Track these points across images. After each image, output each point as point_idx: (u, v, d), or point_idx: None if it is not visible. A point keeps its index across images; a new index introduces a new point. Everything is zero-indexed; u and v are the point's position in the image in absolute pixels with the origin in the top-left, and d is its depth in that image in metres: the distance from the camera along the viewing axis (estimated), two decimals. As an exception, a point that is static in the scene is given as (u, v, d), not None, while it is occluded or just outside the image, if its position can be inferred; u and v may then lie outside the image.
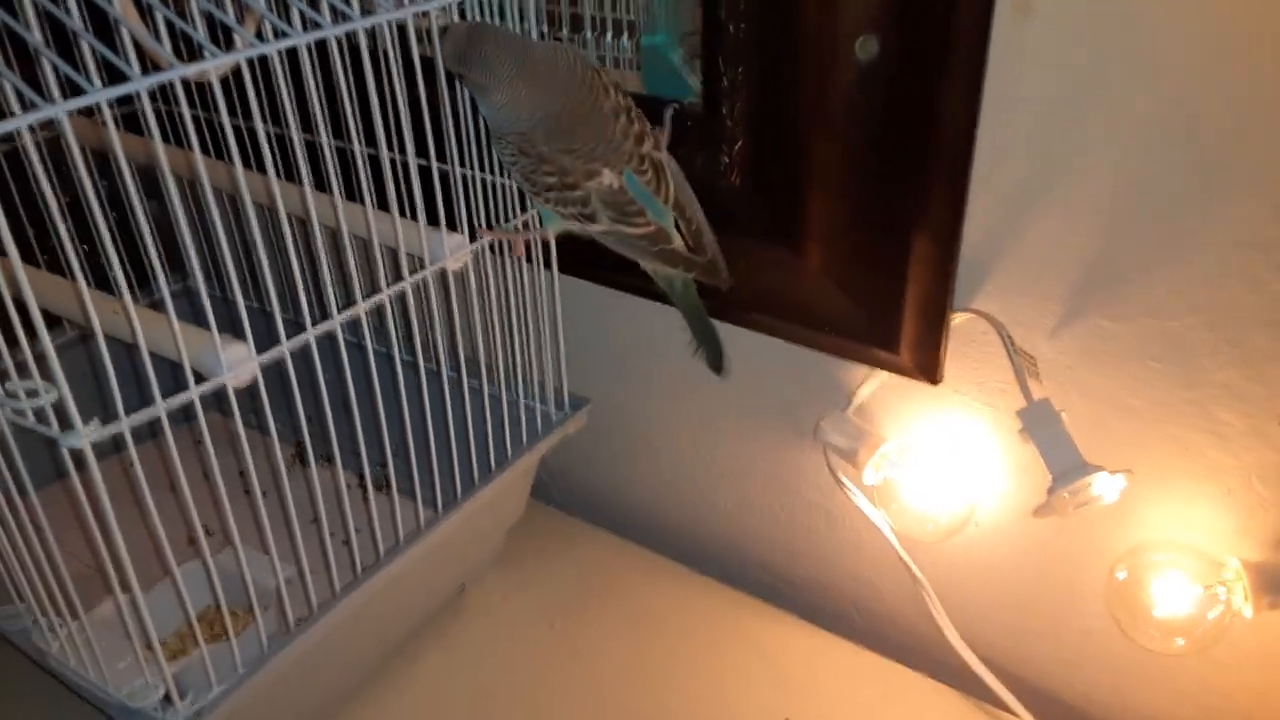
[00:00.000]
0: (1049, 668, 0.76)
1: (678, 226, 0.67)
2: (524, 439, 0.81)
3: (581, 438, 0.84)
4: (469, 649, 0.82)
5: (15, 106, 0.41)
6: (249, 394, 0.56)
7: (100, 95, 0.43)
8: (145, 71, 0.44)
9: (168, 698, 0.59)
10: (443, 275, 0.69)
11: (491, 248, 0.74)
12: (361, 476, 0.89)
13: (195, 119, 0.51)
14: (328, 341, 0.61)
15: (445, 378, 0.73)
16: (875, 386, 0.72)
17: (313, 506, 0.66)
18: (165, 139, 0.49)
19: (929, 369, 0.66)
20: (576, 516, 0.96)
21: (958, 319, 0.66)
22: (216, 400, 0.55)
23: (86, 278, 0.48)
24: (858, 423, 0.73)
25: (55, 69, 0.42)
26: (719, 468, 0.88)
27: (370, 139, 0.60)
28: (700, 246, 0.67)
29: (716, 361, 0.77)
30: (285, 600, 0.65)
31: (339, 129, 0.59)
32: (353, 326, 0.63)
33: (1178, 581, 0.62)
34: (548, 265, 0.76)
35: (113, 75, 0.44)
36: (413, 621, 0.83)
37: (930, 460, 0.71)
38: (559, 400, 0.84)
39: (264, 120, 0.51)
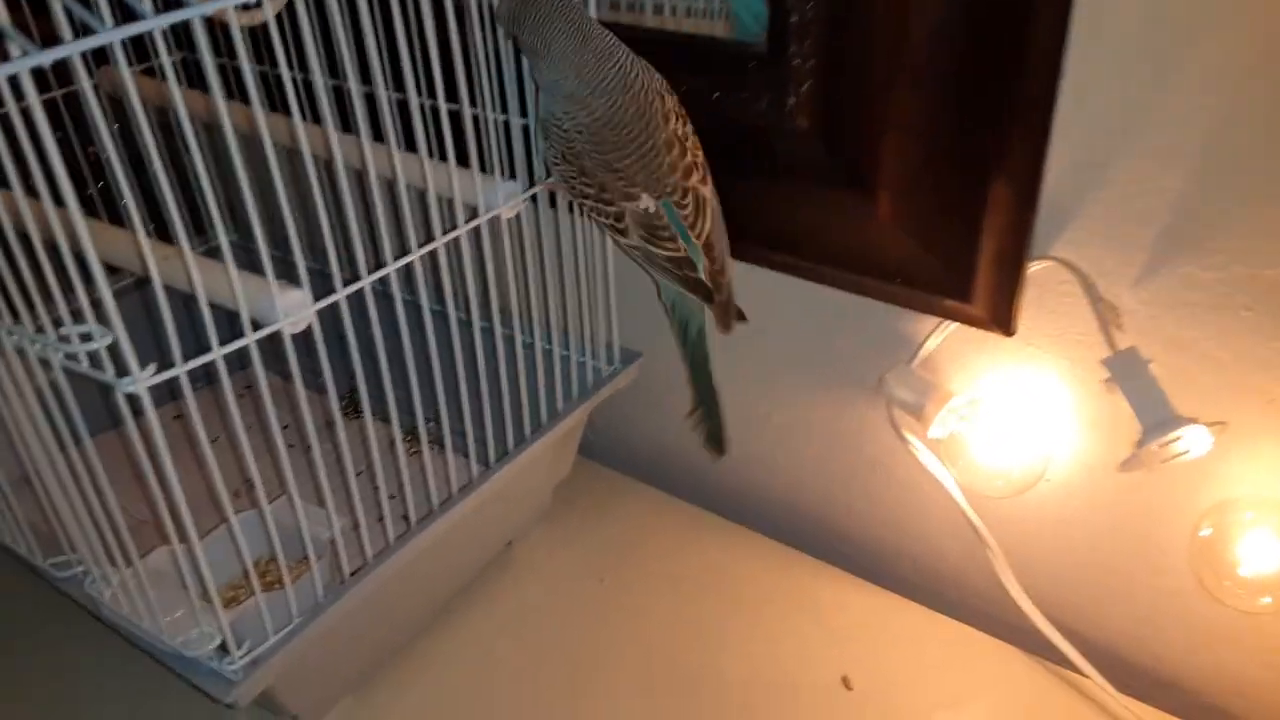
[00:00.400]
0: (1120, 627, 0.74)
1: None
2: (574, 393, 0.79)
3: (629, 392, 0.83)
4: (517, 605, 0.81)
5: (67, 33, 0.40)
6: (298, 345, 0.54)
7: (154, 23, 0.41)
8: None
9: (223, 646, 0.59)
10: (495, 223, 0.67)
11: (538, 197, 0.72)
12: (412, 431, 0.89)
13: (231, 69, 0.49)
14: (381, 293, 0.59)
15: (497, 332, 0.71)
16: (942, 338, 0.70)
17: (367, 458, 0.64)
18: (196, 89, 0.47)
19: (1004, 320, 0.64)
20: (623, 473, 0.95)
21: (1034, 267, 0.63)
22: (266, 350, 0.54)
23: (145, 228, 0.47)
24: (924, 376, 0.71)
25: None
26: (773, 423, 0.86)
27: (419, 87, 0.59)
28: (719, 286, 0.67)
29: (717, 435, 0.77)
30: (341, 550, 0.64)
31: (392, 79, 0.57)
32: (404, 280, 0.62)
33: (1264, 539, 0.59)
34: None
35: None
36: (461, 577, 0.82)
37: (1000, 414, 0.68)
38: (609, 354, 0.82)
39: (304, 69, 0.49)
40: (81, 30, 0.38)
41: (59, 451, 0.57)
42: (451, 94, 0.60)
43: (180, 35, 0.82)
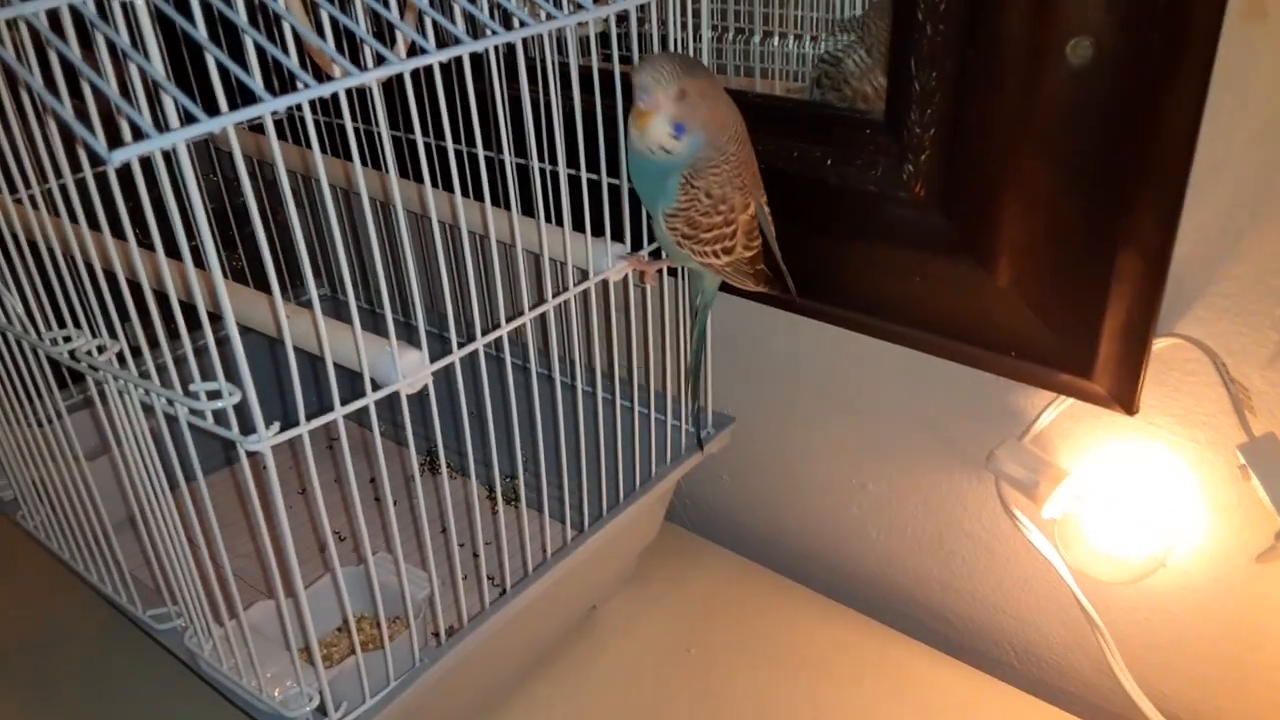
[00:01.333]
0: (1240, 726, 0.70)
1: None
2: (668, 457, 0.78)
3: (718, 456, 0.81)
4: (601, 671, 0.79)
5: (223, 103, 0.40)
6: (391, 404, 0.54)
7: (303, 98, 0.42)
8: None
9: (321, 707, 0.58)
10: (604, 287, 0.67)
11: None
12: (504, 492, 0.89)
13: (354, 130, 0.49)
14: (491, 354, 0.59)
15: (599, 395, 0.71)
16: (1056, 414, 0.68)
17: (469, 519, 0.64)
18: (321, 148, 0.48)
19: (1126, 398, 0.61)
20: (707, 538, 0.93)
21: (1159, 344, 0.61)
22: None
23: (249, 283, 0.47)
24: (1036, 453, 0.68)
25: (265, 58, 0.41)
26: (870, 493, 0.84)
27: (521, 149, 0.59)
28: (778, 262, 0.68)
29: (695, 389, 0.76)
30: (438, 611, 0.63)
31: (490, 139, 0.58)
32: (513, 341, 0.62)
33: None
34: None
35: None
36: (547, 641, 0.81)
37: (1118, 496, 0.66)
38: (703, 419, 0.81)
39: (421, 131, 0.50)
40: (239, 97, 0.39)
41: (169, 492, 0.57)
42: (559, 157, 0.61)
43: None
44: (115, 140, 0.33)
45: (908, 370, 0.75)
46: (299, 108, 0.42)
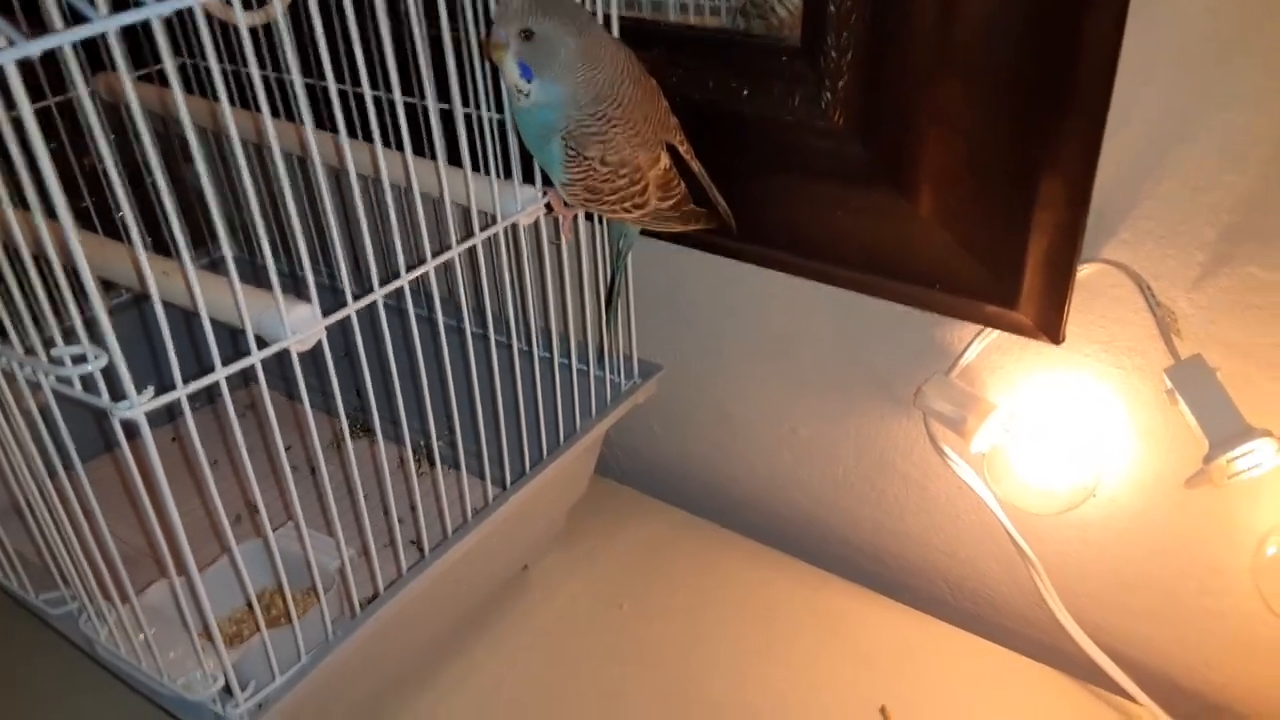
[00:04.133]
0: (1170, 650, 0.70)
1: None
2: (593, 410, 0.75)
3: (647, 406, 0.79)
4: (534, 631, 0.77)
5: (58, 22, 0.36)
6: (303, 361, 0.50)
7: (153, 10, 0.37)
8: None
9: (227, 688, 0.55)
10: (512, 232, 0.63)
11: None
12: (421, 450, 0.85)
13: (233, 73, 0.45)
14: (393, 306, 0.55)
15: (514, 346, 0.67)
16: (982, 347, 0.66)
17: (379, 482, 0.61)
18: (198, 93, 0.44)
19: (1052, 327, 0.60)
20: (638, 489, 0.91)
21: (1084, 271, 0.59)
22: (270, 367, 0.50)
23: (143, 240, 0.43)
24: (963, 387, 0.67)
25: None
26: (800, 438, 0.82)
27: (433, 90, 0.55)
28: (716, 196, 0.66)
29: (612, 332, 0.74)
30: (350, 581, 0.60)
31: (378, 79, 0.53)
32: (417, 292, 0.58)
33: (1336, 558, 0.56)
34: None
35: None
36: (475, 603, 0.78)
37: (1046, 427, 0.65)
38: (628, 368, 0.78)
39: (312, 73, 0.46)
40: (71, 18, 0.34)
41: (49, 478, 0.53)
42: (464, 97, 0.57)
43: (180, 39, 0.78)
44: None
45: (834, 309, 0.73)
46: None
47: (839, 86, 0.59)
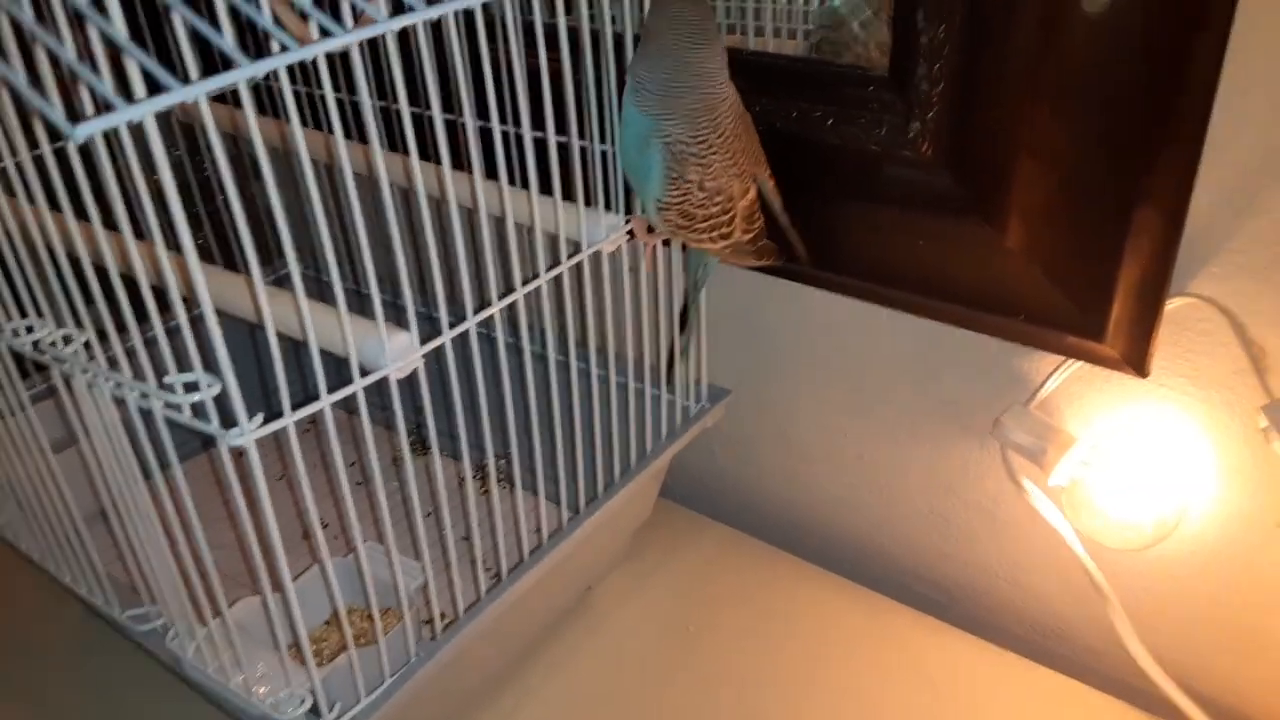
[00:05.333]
0: (1246, 689, 0.69)
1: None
2: (663, 434, 0.76)
3: (711, 430, 0.79)
4: (599, 653, 0.77)
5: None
6: (378, 386, 0.51)
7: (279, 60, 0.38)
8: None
9: (314, 708, 0.55)
10: (595, 258, 0.64)
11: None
12: (496, 472, 0.86)
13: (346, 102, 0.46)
14: (482, 333, 0.56)
15: (593, 371, 0.68)
16: (1063, 379, 0.66)
17: (463, 504, 0.61)
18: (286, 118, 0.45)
19: (1138, 360, 0.60)
20: (701, 511, 0.91)
21: (1173, 304, 0.59)
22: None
23: (216, 261, 0.44)
24: (1043, 418, 0.67)
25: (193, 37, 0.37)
26: (865, 464, 0.82)
27: (514, 118, 0.56)
28: (792, 232, 0.67)
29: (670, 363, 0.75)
30: (433, 602, 0.61)
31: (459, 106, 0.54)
32: (505, 318, 0.58)
33: None
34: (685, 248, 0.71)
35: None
36: (542, 625, 0.78)
37: (1127, 461, 0.64)
38: (697, 392, 0.78)
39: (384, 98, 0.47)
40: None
41: (145, 487, 0.54)
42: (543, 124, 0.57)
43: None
44: (75, 113, 0.30)
45: (908, 336, 0.73)
46: (274, 75, 0.38)
47: (928, 117, 0.59)
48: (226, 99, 0.83)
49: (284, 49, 0.34)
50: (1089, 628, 0.75)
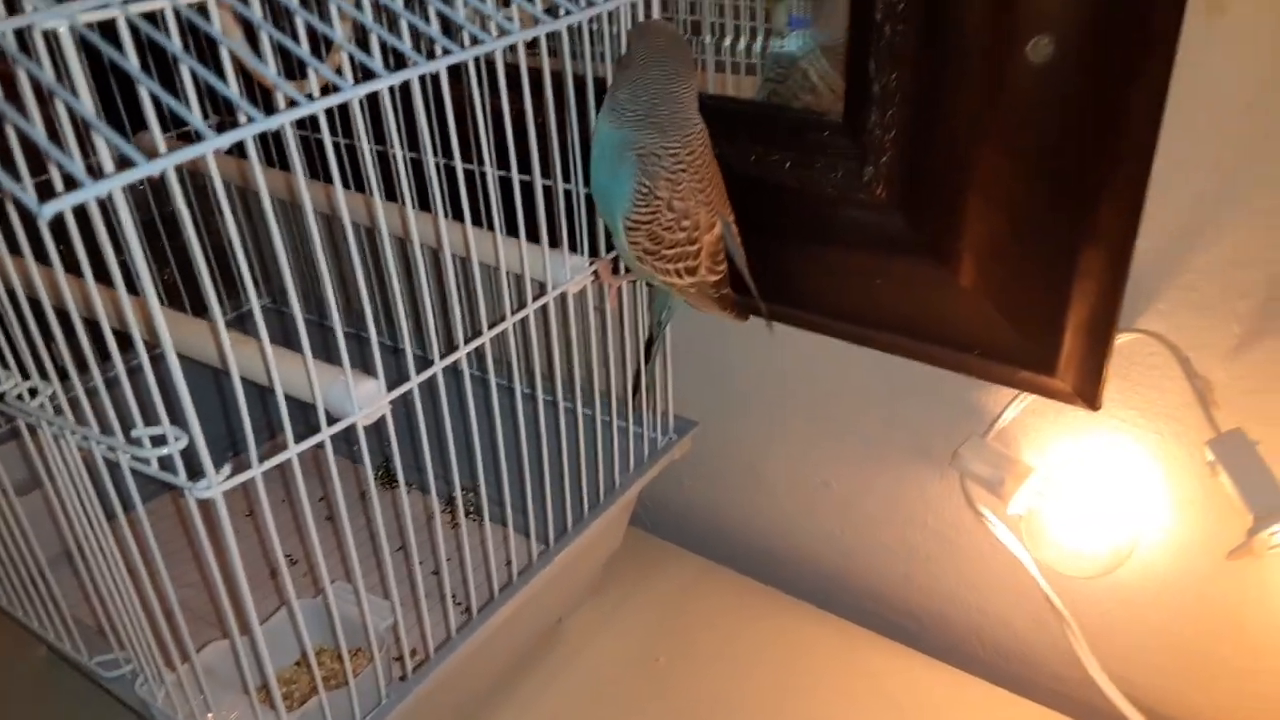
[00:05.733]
0: (1202, 711, 0.71)
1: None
2: (631, 466, 0.77)
3: (679, 461, 0.80)
4: (569, 685, 0.78)
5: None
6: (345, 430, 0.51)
7: (248, 131, 0.39)
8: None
9: (284, 753, 0.55)
10: (561, 298, 0.65)
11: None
12: (464, 506, 0.86)
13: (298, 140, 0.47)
14: (448, 370, 0.57)
15: (560, 405, 0.69)
16: (1019, 411, 0.67)
17: (431, 540, 0.62)
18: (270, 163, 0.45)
19: (1089, 393, 0.61)
20: (670, 542, 0.92)
21: (1121, 339, 0.61)
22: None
23: (182, 298, 0.44)
24: (1001, 450, 0.68)
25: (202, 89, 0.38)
26: (831, 494, 0.83)
27: (478, 157, 0.57)
28: (747, 284, 0.68)
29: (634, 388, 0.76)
30: (403, 641, 0.61)
31: (448, 148, 0.55)
32: (473, 357, 0.59)
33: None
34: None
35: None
36: (511, 658, 0.79)
37: (1082, 491, 0.66)
38: (664, 424, 0.79)
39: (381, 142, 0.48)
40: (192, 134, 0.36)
41: (109, 531, 0.54)
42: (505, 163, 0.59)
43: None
44: (46, 191, 0.30)
45: (871, 370, 0.74)
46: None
47: (882, 162, 0.61)
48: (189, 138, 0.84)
49: (250, 120, 0.34)
50: (1051, 653, 0.77)
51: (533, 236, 0.62)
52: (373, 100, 0.48)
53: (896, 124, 0.59)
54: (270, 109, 0.38)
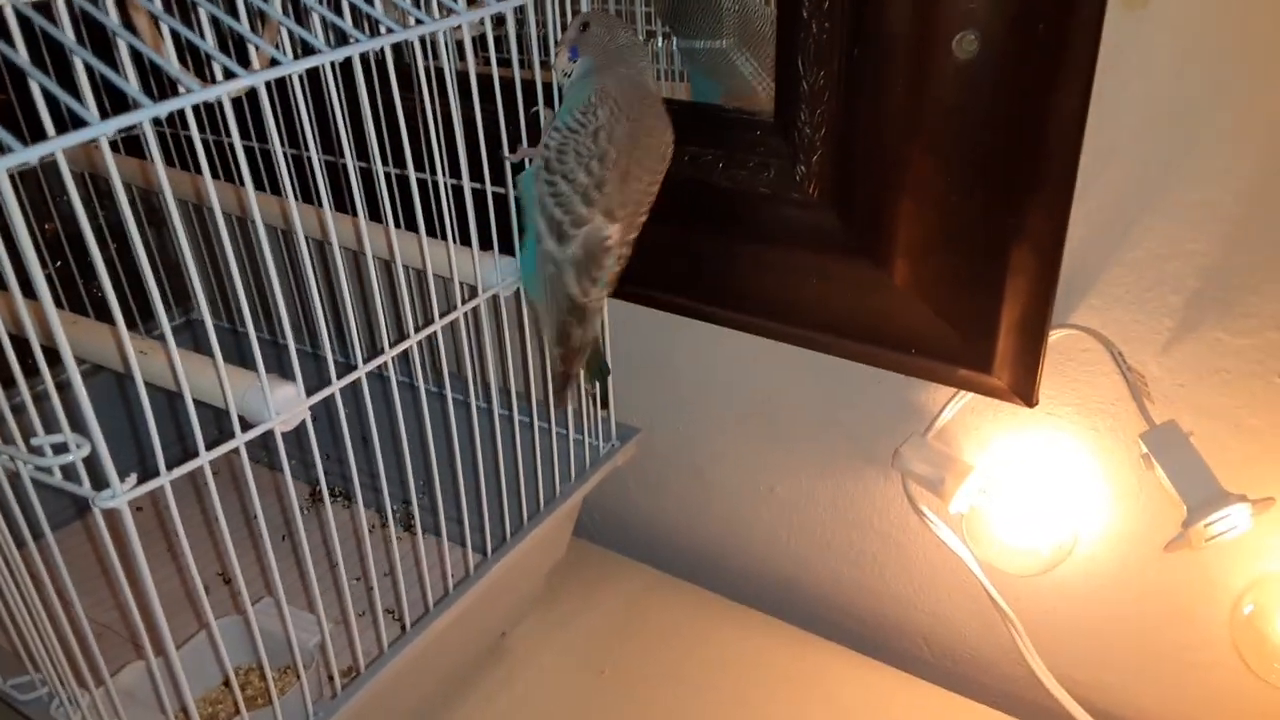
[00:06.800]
0: (1147, 704, 0.71)
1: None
2: (572, 474, 0.75)
3: (624, 469, 0.79)
4: (513, 700, 0.76)
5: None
6: (263, 438, 0.50)
7: (145, 114, 0.37)
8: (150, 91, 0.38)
9: (205, 775, 0.53)
10: (493, 301, 0.64)
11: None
12: (398, 519, 0.84)
13: (210, 142, 0.45)
14: (375, 374, 0.55)
15: (495, 413, 0.67)
16: (958, 410, 0.67)
17: (360, 553, 0.60)
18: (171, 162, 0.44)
19: (1025, 390, 0.61)
20: (616, 551, 0.91)
21: (1055, 336, 0.61)
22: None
23: (93, 314, 0.43)
24: (941, 448, 0.68)
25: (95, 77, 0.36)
26: (777, 497, 0.82)
27: (400, 160, 0.55)
28: (576, 355, 0.65)
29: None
30: (332, 660, 0.59)
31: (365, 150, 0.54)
32: (400, 362, 0.58)
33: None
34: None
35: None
36: (453, 672, 0.77)
37: (1022, 488, 0.65)
38: (606, 431, 0.78)
39: (283, 142, 0.46)
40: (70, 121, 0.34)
41: (21, 565, 0.52)
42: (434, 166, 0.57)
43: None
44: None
45: (812, 372, 0.74)
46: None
47: (813, 160, 0.61)
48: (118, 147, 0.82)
49: (189, 90, 0.33)
50: (998, 654, 0.76)
51: (465, 241, 0.61)
52: (283, 100, 0.47)
53: (826, 122, 0.59)
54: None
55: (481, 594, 0.67)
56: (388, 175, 0.55)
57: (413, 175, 0.55)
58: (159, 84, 0.79)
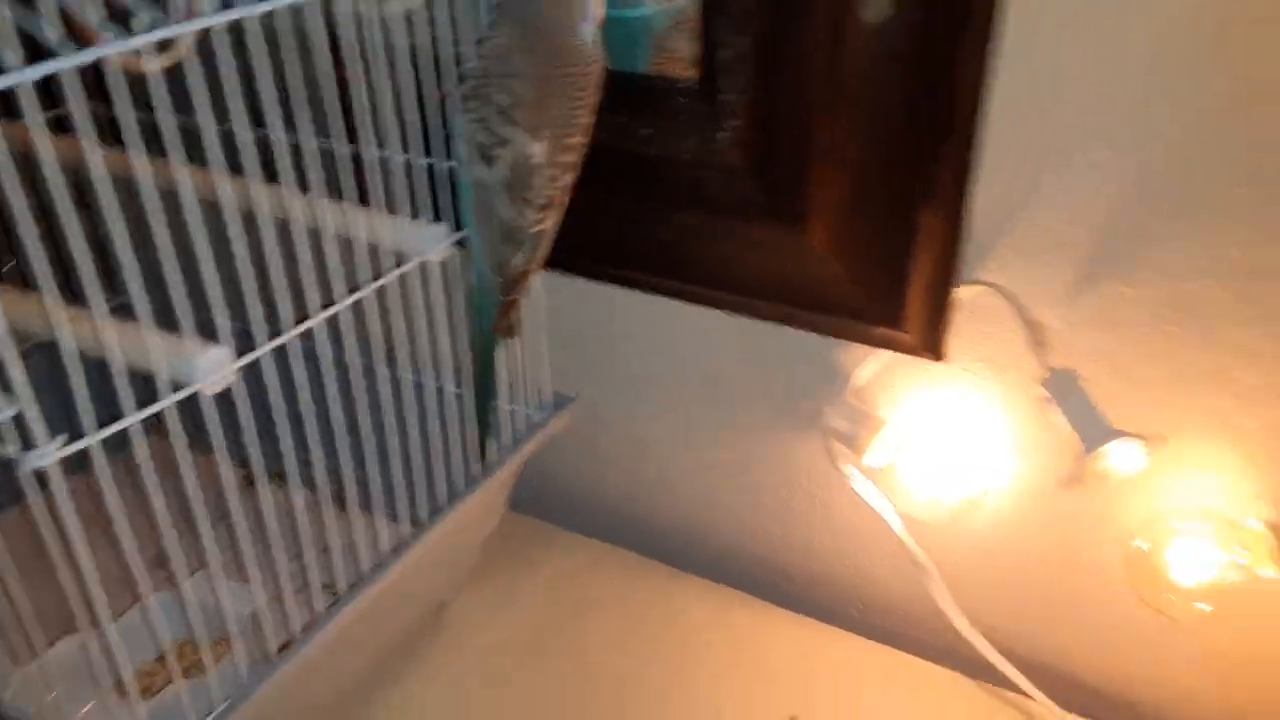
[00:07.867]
0: (1062, 646, 0.75)
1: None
2: (505, 442, 0.76)
3: (559, 437, 0.80)
4: (454, 670, 0.77)
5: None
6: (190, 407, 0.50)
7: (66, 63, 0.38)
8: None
9: (141, 743, 0.53)
10: (423, 269, 0.64)
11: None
12: (330, 494, 0.84)
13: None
14: (302, 346, 0.56)
15: (427, 383, 0.68)
16: (876, 367, 0.70)
17: (292, 523, 0.60)
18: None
19: (934, 346, 0.64)
20: (553, 522, 0.92)
21: (962, 292, 0.64)
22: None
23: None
24: (857, 405, 0.71)
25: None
26: (706, 461, 0.84)
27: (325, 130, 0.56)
28: (518, 283, 0.64)
29: (484, 438, 0.72)
30: (265, 626, 0.60)
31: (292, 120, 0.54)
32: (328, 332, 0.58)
33: (1199, 547, 0.61)
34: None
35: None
36: (392, 643, 0.78)
37: (936, 440, 0.69)
38: (540, 400, 0.79)
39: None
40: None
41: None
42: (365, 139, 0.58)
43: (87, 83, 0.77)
44: None
45: (740, 336, 0.76)
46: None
47: (735, 127, 0.63)
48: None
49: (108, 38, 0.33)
50: (918, 603, 0.79)
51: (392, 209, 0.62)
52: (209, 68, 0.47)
53: (745, 89, 0.61)
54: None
55: (413, 562, 0.67)
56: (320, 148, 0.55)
57: (338, 144, 0.56)
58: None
